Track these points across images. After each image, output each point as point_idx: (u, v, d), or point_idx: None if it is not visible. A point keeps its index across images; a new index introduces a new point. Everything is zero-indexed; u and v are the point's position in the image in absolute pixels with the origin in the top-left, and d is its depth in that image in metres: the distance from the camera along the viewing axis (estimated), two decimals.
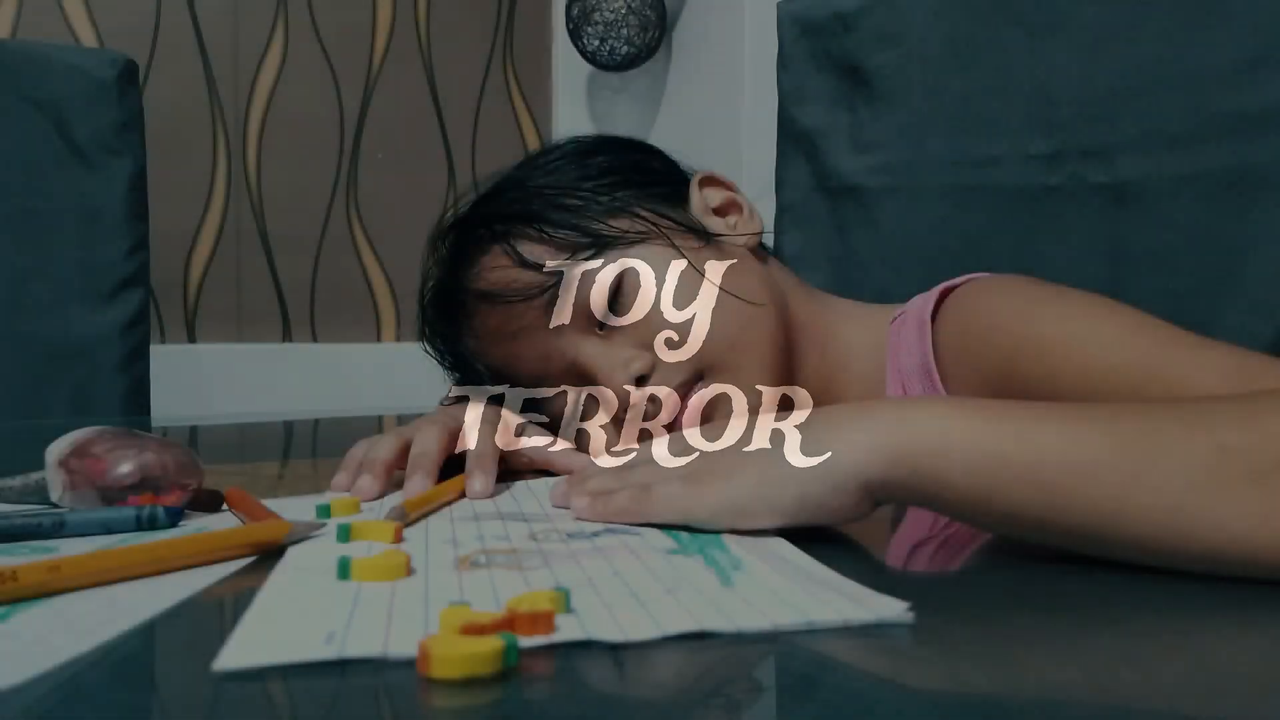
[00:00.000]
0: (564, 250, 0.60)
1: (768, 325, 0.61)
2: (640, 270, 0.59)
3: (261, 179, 1.82)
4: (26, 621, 0.30)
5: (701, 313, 0.59)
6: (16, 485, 0.49)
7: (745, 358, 0.60)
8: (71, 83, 1.11)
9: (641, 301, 0.59)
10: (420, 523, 0.44)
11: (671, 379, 0.58)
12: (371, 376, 1.85)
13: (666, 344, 0.59)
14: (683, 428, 0.60)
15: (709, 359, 0.59)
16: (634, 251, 0.60)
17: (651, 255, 0.60)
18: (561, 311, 0.59)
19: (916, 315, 0.60)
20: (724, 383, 0.59)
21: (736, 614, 0.29)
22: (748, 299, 0.60)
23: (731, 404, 0.59)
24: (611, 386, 0.58)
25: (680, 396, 0.58)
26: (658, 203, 0.63)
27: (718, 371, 0.59)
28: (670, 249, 0.60)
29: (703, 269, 0.60)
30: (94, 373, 1.12)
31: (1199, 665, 0.28)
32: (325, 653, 0.26)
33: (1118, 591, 0.34)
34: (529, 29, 2.03)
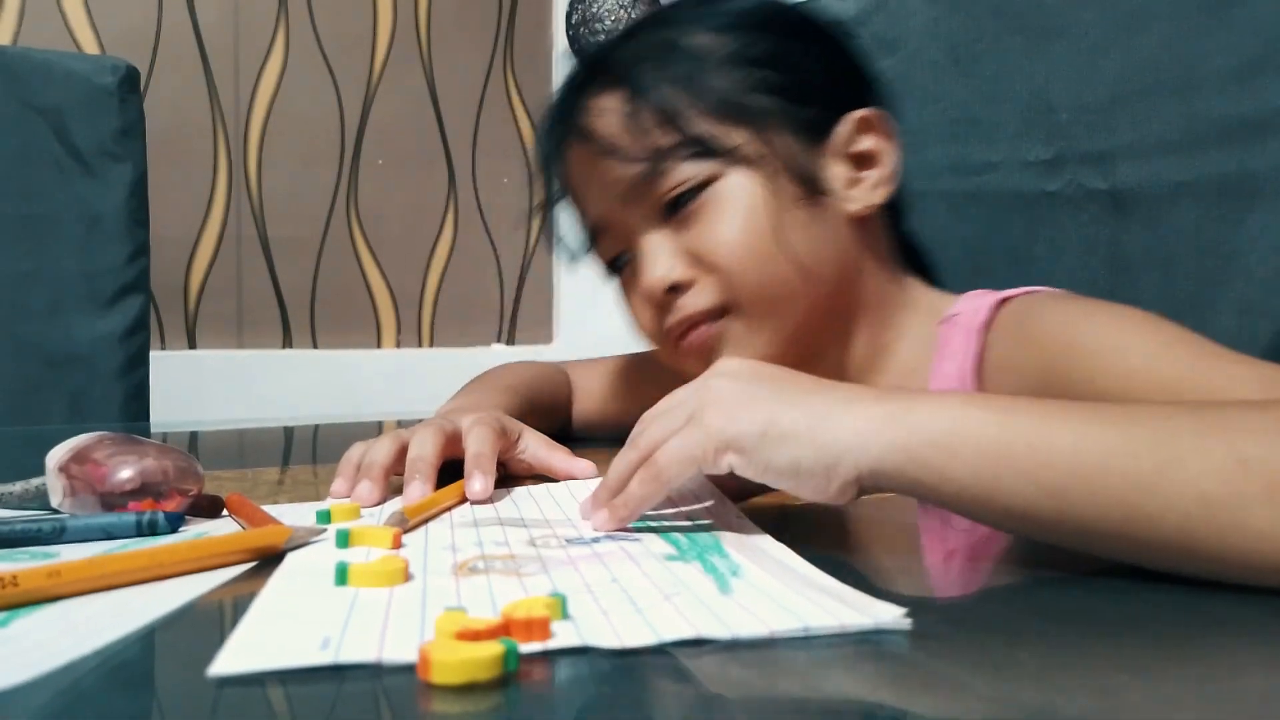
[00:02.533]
0: (674, 135, 0.58)
1: (809, 296, 0.60)
2: (727, 191, 0.58)
3: (262, 185, 1.82)
4: (27, 626, 0.30)
5: (753, 256, 0.58)
6: (17, 491, 0.49)
7: (771, 317, 0.59)
8: (73, 89, 1.12)
9: (712, 220, 0.58)
10: (420, 528, 0.44)
11: (698, 302, 0.59)
12: (372, 382, 1.85)
13: (709, 269, 0.59)
14: (679, 357, 0.61)
15: (738, 301, 0.59)
16: (734, 171, 0.58)
17: (746, 183, 0.58)
18: (641, 194, 0.59)
19: (967, 322, 0.59)
20: (741, 329, 0.59)
21: (734, 621, 0.29)
22: (806, 263, 0.58)
23: (736, 350, 0.59)
24: (647, 281, 0.59)
25: (695, 323, 0.59)
26: (794, 129, 0.60)
27: (740, 317, 0.59)
28: (767, 186, 0.58)
29: (781, 219, 0.58)
30: (94, 378, 1.12)
31: (1203, 675, 0.28)
32: (320, 658, 0.26)
33: (1120, 599, 0.34)
34: (529, 35, 2.04)
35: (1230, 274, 0.65)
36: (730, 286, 0.59)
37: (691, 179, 0.58)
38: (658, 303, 0.60)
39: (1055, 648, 0.30)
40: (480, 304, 2.02)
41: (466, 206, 1.99)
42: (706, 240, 0.59)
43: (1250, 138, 0.65)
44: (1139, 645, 0.30)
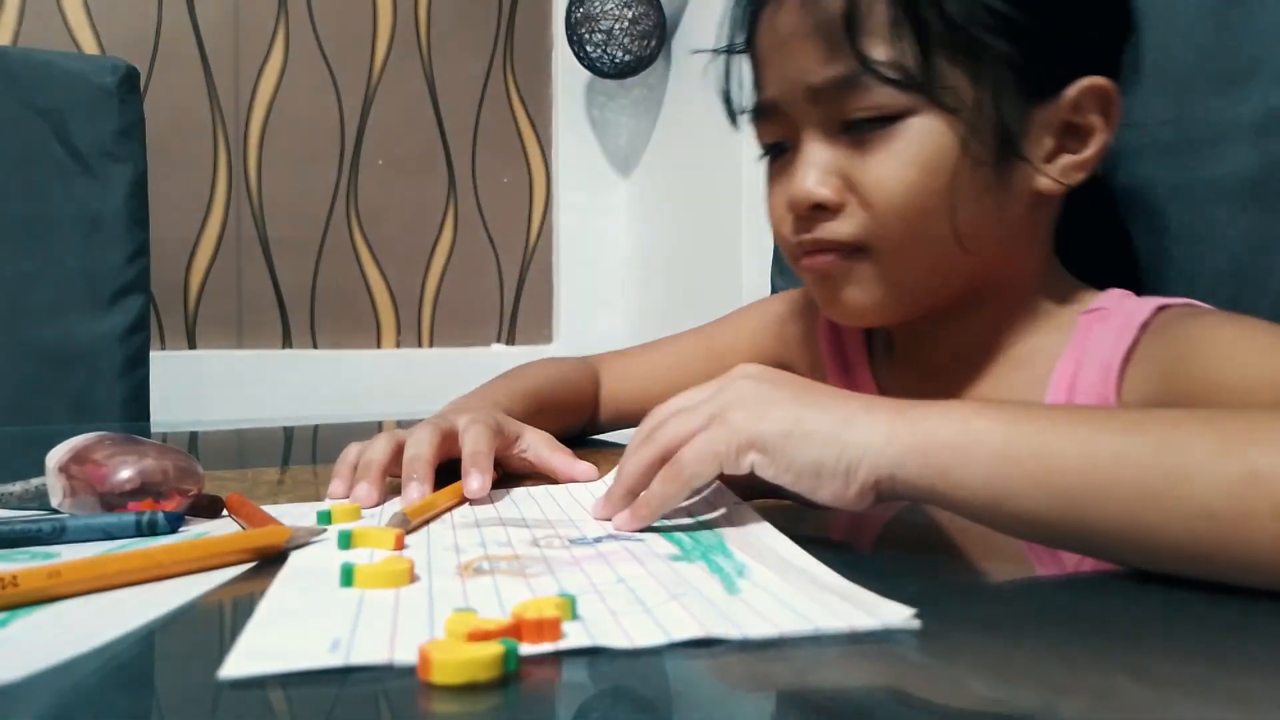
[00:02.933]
0: (889, 51, 0.53)
1: (954, 265, 0.56)
2: (916, 132, 0.53)
3: (262, 185, 1.82)
4: (26, 627, 0.30)
5: (913, 210, 0.54)
6: (17, 491, 0.49)
7: (906, 272, 0.56)
8: (73, 90, 1.12)
9: (887, 156, 0.54)
10: (421, 529, 0.44)
11: (839, 230, 0.55)
12: (371, 383, 1.85)
13: (864, 203, 0.55)
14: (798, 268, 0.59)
15: (880, 247, 0.55)
16: (932, 112, 0.53)
17: (939, 131, 0.53)
18: (829, 98, 0.54)
19: (1123, 316, 0.55)
20: (870, 274, 0.56)
21: (742, 620, 0.29)
22: (966, 232, 0.54)
23: (854, 290, 0.56)
24: (796, 189, 0.56)
25: (827, 249, 0.56)
26: (1019, 82, 0.54)
27: (876, 262, 0.56)
28: (961, 141, 0.53)
29: (960, 180, 0.54)
30: (94, 379, 1.12)
31: (1203, 675, 0.28)
32: (331, 660, 0.26)
33: (1120, 599, 0.34)
34: (529, 37, 2.04)
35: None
36: (878, 230, 0.55)
37: (885, 107, 0.53)
38: (799, 213, 0.57)
39: (1055, 648, 0.30)
40: (480, 304, 2.02)
41: (466, 207, 1.99)
42: (873, 174, 0.54)
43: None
44: (1139, 645, 0.30)
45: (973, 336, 0.60)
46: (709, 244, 1.76)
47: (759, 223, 0.65)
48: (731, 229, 1.66)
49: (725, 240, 1.68)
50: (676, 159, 1.91)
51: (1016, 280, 0.59)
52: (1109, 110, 0.56)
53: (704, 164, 1.79)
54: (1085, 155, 0.56)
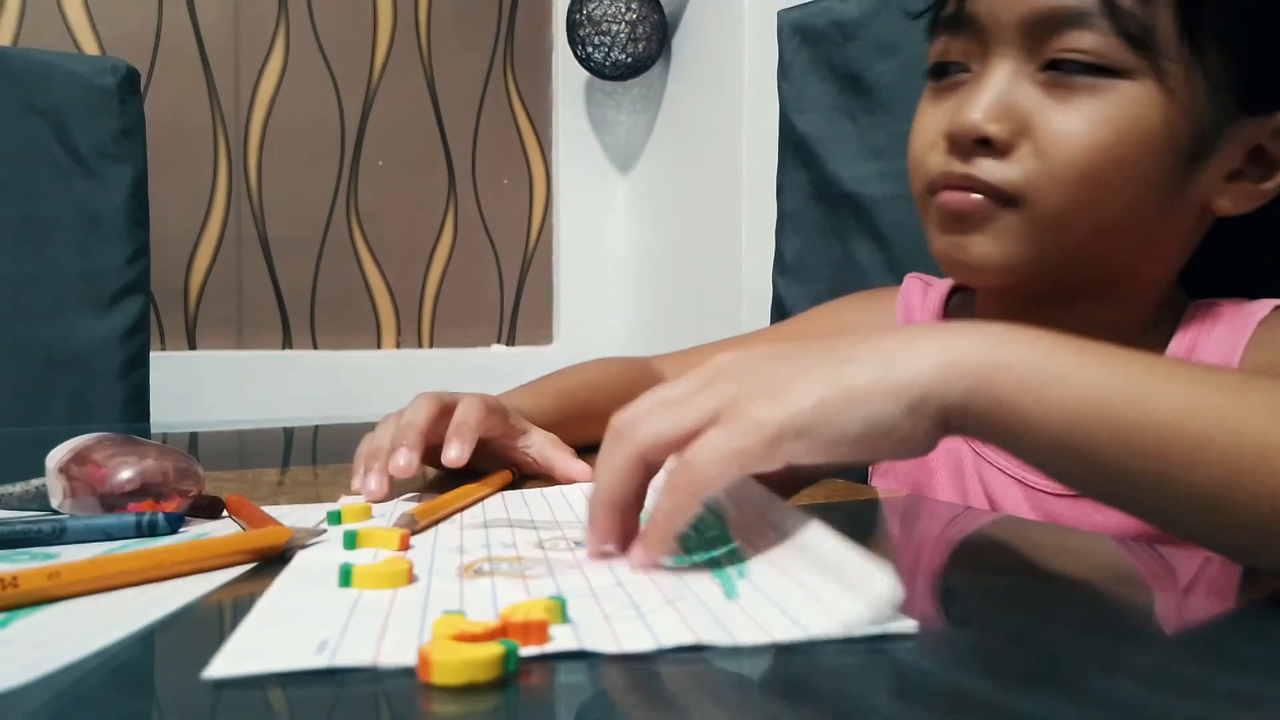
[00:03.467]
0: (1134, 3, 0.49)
1: (1096, 246, 0.52)
2: (1125, 96, 0.49)
3: (262, 186, 1.82)
4: (26, 628, 0.30)
5: (1089, 174, 0.50)
6: (17, 492, 0.49)
7: (1050, 238, 0.51)
8: (73, 90, 1.12)
9: (1084, 110, 0.50)
10: (430, 529, 0.44)
11: (1000, 174, 0.51)
12: (372, 383, 1.85)
13: (1038, 152, 0.50)
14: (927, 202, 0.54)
15: (1036, 203, 0.51)
16: (1147, 82, 0.49)
17: (1149, 102, 0.49)
18: (1045, 29, 0.50)
19: (1239, 312, 0.54)
20: (1015, 229, 0.51)
21: (736, 628, 0.29)
22: (1125, 217, 0.51)
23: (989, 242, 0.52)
24: (966, 116, 0.51)
25: (977, 189, 0.51)
26: (1242, 87, 0.51)
27: (1025, 218, 0.51)
28: (1165, 120, 0.50)
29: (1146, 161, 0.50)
30: (94, 379, 1.12)
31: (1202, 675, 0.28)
32: (315, 661, 0.26)
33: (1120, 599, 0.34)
34: (529, 38, 2.04)
35: None
36: (1040, 183, 0.50)
37: (1102, 57, 0.49)
38: (957, 143, 0.52)
39: (1055, 647, 0.30)
40: (480, 305, 2.02)
41: (466, 207, 1.99)
42: (1063, 124, 0.50)
43: None
44: (1139, 645, 0.30)
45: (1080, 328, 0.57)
46: (709, 244, 1.76)
47: (759, 223, 0.63)
48: (732, 229, 1.66)
49: (726, 240, 1.68)
50: (677, 159, 1.91)
51: (1146, 284, 0.56)
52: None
53: (704, 164, 1.79)
54: (1265, 187, 0.53)
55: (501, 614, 0.28)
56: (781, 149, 1.00)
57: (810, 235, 0.96)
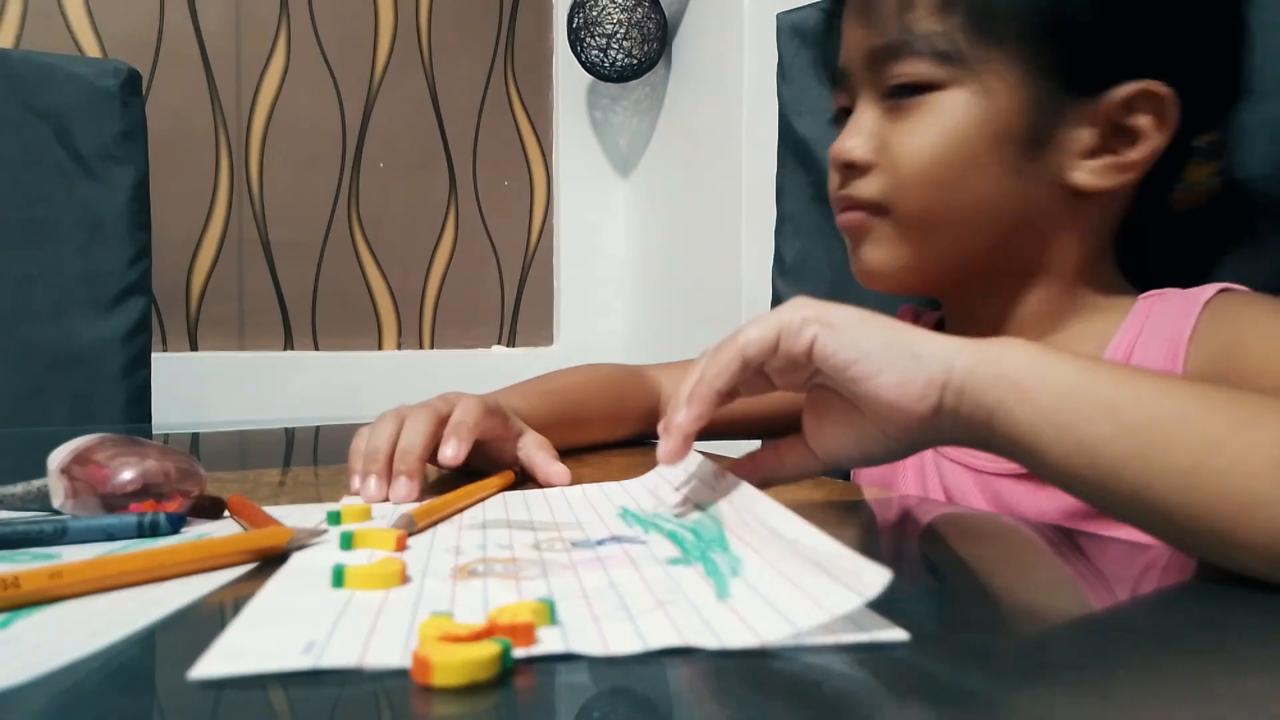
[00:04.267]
0: (931, 24, 0.55)
1: (970, 238, 0.58)
2: (944, 105, 0.56)
3: (264, 188, 1.82)
4: (28, 628, 0.30)
5: (930, 179, 0.56)
6: (18, 492, 0.49)
7: (921, 239, 0.58)
8: (74, 92, 1.12)
9: (916, 124, 0.56)
10: (428, 529, 0.44)
11: (863, 190, 0.58)
12: (373, 384, 1.86)
13: (888, 167, 0.57)
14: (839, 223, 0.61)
15: (896, 209, 0.57)
16: (963, 88, 0.55)
17: (968, 105, 0.55)
18: (876, 65, 0.57)
19: (1184, 297, 0.56)
20: (888, 234, 0.58)
21: (725, 630, 0.29)
22: (985, 207, 0.56)
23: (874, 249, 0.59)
24: (836, 145, 0.59)
25: (853, 206, 0.59)
26: (1057, 73, 0.55)
27: (892, 224, 0.58)
28: (988, 117, 0.55)
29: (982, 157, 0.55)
30: (96, 380, 1.12)
31: (1203, 675, 0.28)
32: (302, 662, 0.26)
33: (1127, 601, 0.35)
34: (530, 40, 2.04)
35: None
36: (896, 193, 0.57)
37: (919, 77, 0.56)
38: (837, 169, 0.60)
39: (1055, 647, 0.30)
40: (481, 306, 2.02)
41: (467, 209, 2.00)
42: (901, 141, 0.57)
43: None
44: (1138, 644, 0.30)
45: (1013, 318, 0.60)
46: (709, 246, 1.76)
47: (759, 224, 0.66)
48: (732, 231, 1.66)
49: (726, 242, 1.68)
50: (677, 161, 1.91)
51: (1055, 268, 0.59)
52: (1164, 116, 0.55)
53: (704, 166, 1.79)
54: (1130, 158, 0.55)
55: (489, 616, 0.28)
56: (781, 151, 1.01)
57: (810, 237, 0.97)
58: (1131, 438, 0.35)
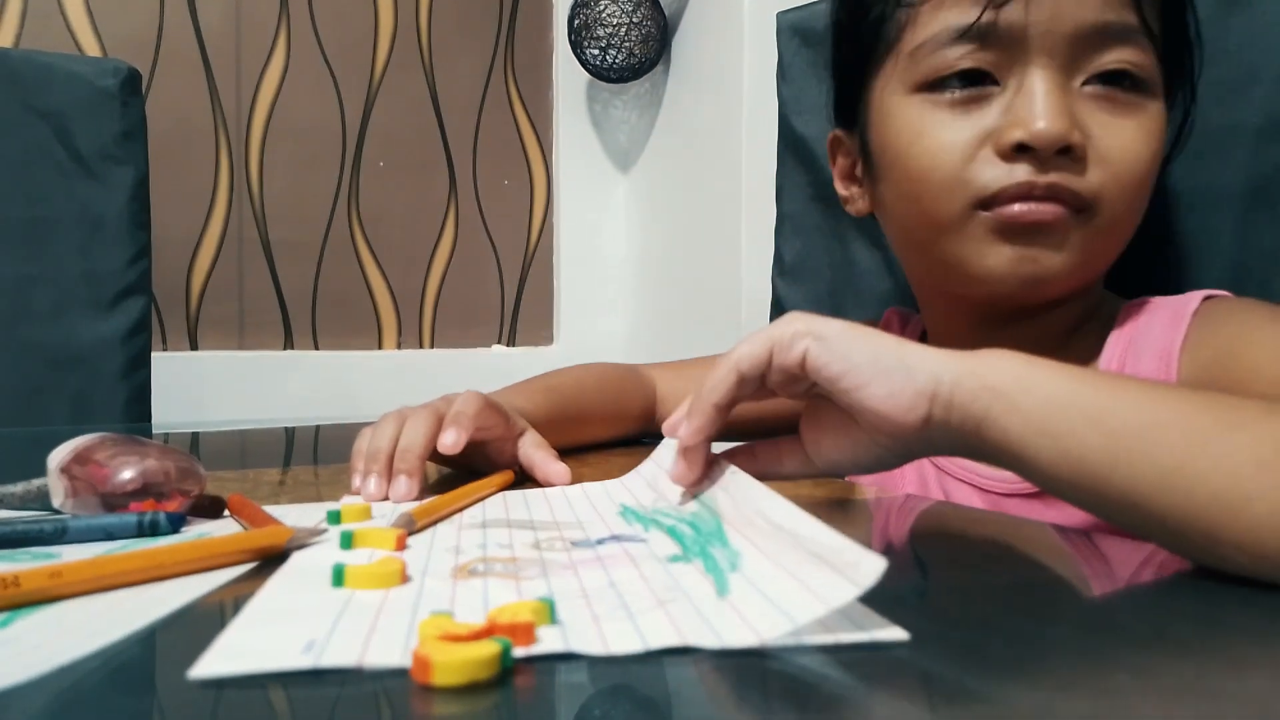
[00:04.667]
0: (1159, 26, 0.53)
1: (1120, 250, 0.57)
2: (1153, 112, 0.54)
3: (264, 187, 1.82)
4: (28, 627, 0.30)
5: (1141, 184, 0.54)
6: (18, 492, 0.49)
7: (1109, 243, 0.55)
8: (74, 92, 1.12)
9: (1132, 124, 0.53)
10: (428, 529, 0.44)
11: (1080, 182, 0.52)
12: (373, 384, 1.86)
13: (1103, 162, 0.52)
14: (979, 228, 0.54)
15: (1105, 208, 0.53)
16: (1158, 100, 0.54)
17: (1162, 117, 0.55)
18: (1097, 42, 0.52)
19: (1171, 307, 0.56)
20: (1086, 238, 0.53)
21: (724, 629, 0.29)
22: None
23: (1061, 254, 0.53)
24: (1046, 125, 0.51)
25: (1060, 199, 0.52)
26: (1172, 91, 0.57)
27: (1094, 227, 0.53)
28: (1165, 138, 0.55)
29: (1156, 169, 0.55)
30: (96, 380, 1.12)
31: (1203, 675, 0.28)
32: (302, 662, 0.26)
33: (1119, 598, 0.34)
34: (530, 40, 2.04)
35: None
36: (1110, 195, 0.53)
37: (1146, 74, 0.53)
38: (1037, 152, 0.51)
39: (1055, 647, 0.30)
40: (481, 306, 2.02)
41: (467, 209, 2.00)
42: (1122, 136, 0.52)
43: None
44: (1139, 644, 0.30)
45: (1028, 340, 0.59)
46: (710, 245, 1.76)
47: (759, 224, 0.64)
48: (732, 230, 1.66)
49: (726, 242, 1.68)
50: (677, 161, 1.91)
51: (1088, 288, 0.60)
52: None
53: (704, 165, 1.79)
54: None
55: (489, 615, 0.28)
56: (781, 150, 1.01)
57: (810, 236, 0.97)
58: (1117, 443, 0.35)
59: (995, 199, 0.53)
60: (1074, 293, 0.58)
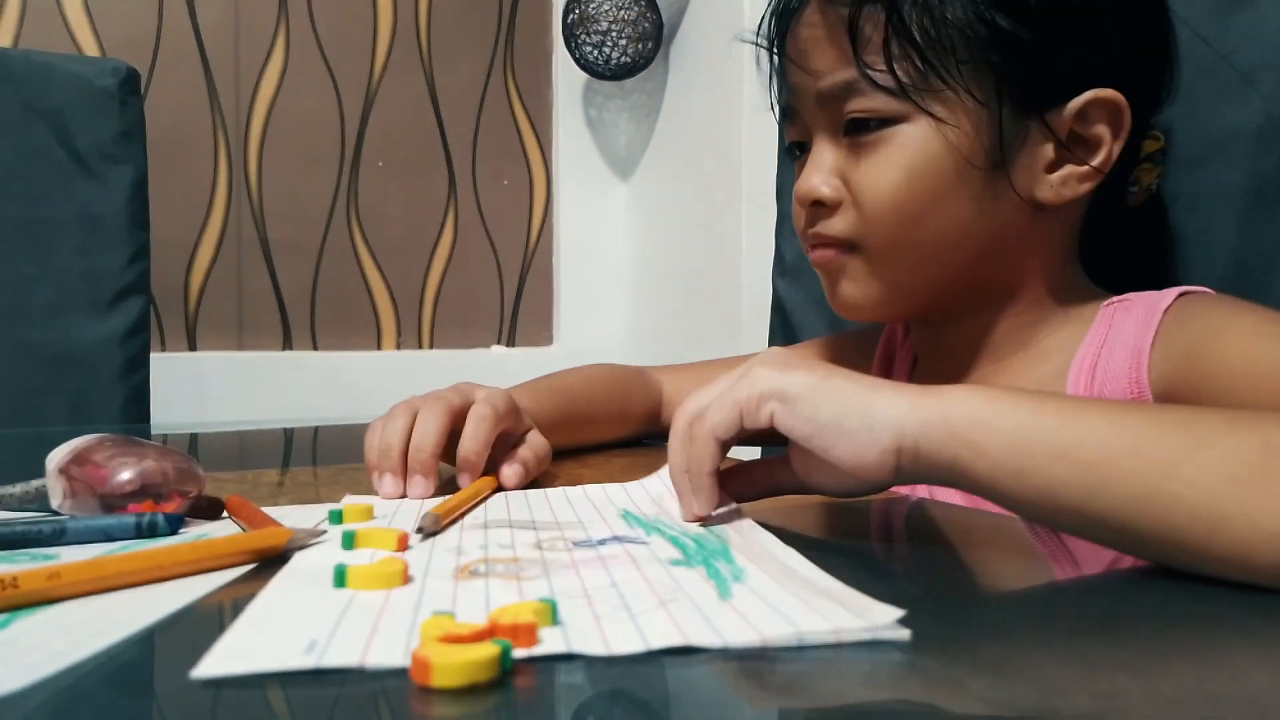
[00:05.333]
0: (882, 60, 0.55)
1: (944, 265, 0.58)
2: (905, 139, 0.56)
3: (263, 187, 1.82)
4: (26, 629, 0.30)
5: (898, 213, 0.56)
6: (17, 493, 0.49)
7: (894, 270, 0.59)
8: (73, 91, 1.12)
9: (878, 160, 0.56)
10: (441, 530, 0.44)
11: (833, 228, 0.59)
12: (372, 384, 1.85)
13: (855, 203, 0.58)
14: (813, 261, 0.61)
15: (867, 245, 0.58)
16: (922, 120, 0.55)
17: (927, 138, 0.55)
18: (832, 101, 0.57)
19: (1145, 303, 0.56)
20: (861, 269, 0.59)
21: (727, 629, 0.29)
22: (955, 235, 0.57)
23: (849, 285, 0.60)
24: (800, 186, 0.59)
25: (824, 244, 0.60)
26: (1015, 91, 0.55)
27: (865, 259, 0.59)
28: (949, 148, 0.55)
29: (947, 186, 0.56)
30: (94, 380, 1.12)
31: (1203, 676, 0.28)
32: (303, 662, 0.26)
33: (1119, 600, 0.34)
34: (529, 38, 2.04)
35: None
36: (866, 229, 0.58)
37: (878, 112, 0.56)
38: (805, 208, 0.60)
39: (1055, 648, 0.30)
40: (480, 306, 2.02)
41: (467, 208, 1.99)
42: (864, 178, 0.57)
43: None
44: (1139, 645, 0.30)
45: (986, 336, 0.61)
46: (709, 246, 1.76)
47: (759, 224, 0.66)
48: (731, 231, 1.66)
49: (725, 242, 1.68)
50: (676, 161, 1.91)
51: (1025, 284, 0.60)
52: (1118, 122, 0.56)
53: (704, 166, 1.79)
54: (1089, 166, 0.57)
55: (491, 616, 0.28)
56: (781, 150, 1.00)
57: None
58: (1085, 475, 0.35)
59: (804, 240, 0.62)
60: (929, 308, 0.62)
